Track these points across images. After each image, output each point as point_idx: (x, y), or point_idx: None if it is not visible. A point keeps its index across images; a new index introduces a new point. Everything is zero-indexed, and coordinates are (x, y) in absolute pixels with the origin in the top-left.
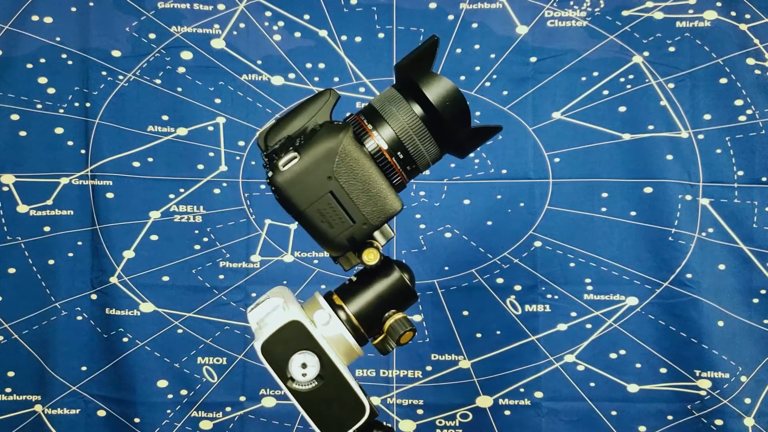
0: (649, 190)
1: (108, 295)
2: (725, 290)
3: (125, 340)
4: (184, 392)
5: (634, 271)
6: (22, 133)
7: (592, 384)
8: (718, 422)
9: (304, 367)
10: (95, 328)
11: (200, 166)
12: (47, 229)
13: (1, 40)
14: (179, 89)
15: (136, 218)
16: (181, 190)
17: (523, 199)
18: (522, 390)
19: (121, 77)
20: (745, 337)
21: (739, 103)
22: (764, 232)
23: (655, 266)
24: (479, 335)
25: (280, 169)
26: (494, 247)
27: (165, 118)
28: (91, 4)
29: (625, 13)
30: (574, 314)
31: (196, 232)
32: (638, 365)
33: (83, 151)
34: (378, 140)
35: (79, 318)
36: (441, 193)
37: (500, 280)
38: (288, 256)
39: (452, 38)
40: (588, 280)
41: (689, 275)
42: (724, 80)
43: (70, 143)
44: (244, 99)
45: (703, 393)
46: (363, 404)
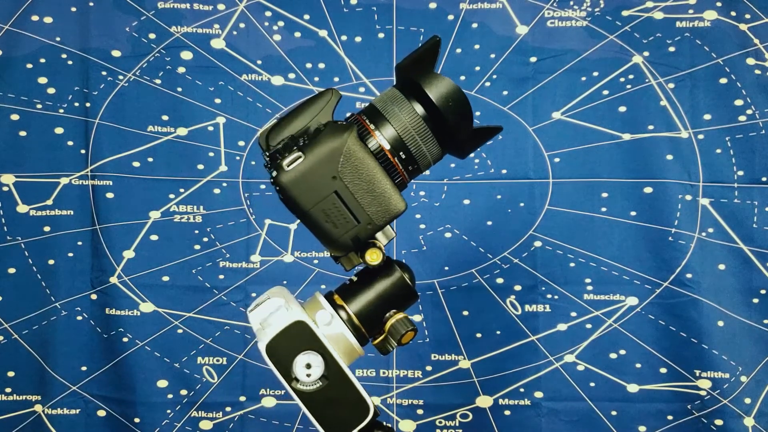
0: (649, 190)
1: (108, 295)
2: (725, 290)
3: (125, 340)
4: (184, 392)
5: (634, 271)
6: (22, 133)
7: (592, 384)
8: (718, 422)
9: (308, 367)
10: (95, 328)
11: (200, 166)
12: (47, 229)
13: (1, 40)
14: (179, 89)
15: (136, 218)
16: (181, 190)
17: (523, 199)
18: (522, 390)
19: (121, 77)
20: (745, 337)
21: (739, 103)
22: (764, 232)
23: (655, 266)
24: (479, 335)
25: (285, 169)
26: (494, 247)
27: (165, 118)
28: (91, 4)
29: (625, 13)
30: (574, 314)
31: (196, 232)
32: (638, 365)
33: (83, 151)
34: (380, 140)
35: (79, 318)
36: (441, 193)
37: (500, 280)
38: (288, 256)
39: (452, 38)
40: (588, 280)
41: (689, 275)
42: (724, 80)
43: (70, 143)
44: (244, 99)
45: (703, 393)
46: (367, 404)
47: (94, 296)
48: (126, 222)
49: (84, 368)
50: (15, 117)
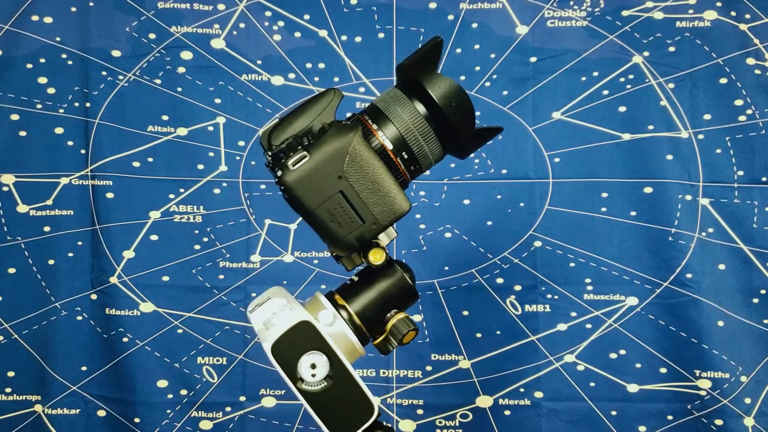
0: (649, 190)
1: (108, 295)
2: (725, 290)
3: (125, 340)
4: (184, 392)
5: (634, 271)
6: (22, 133)
7: (592, 384)
8: (718, 422)
9: (313, 367)
10: (95, 328)
11: (200, 166)
12: (47, 229)
13: (1, 40)
14: (179, 89)
15: (136, 218)
16: (181, 190)
17: (523, 199)
18: (522, 390)
19: (121, 77)
20: (745, 337)
21: (739, 103)
22: (764, 232)
23: (655, 266)
24: (479, 335)
25: (290, 168)
26: (494, 247)
27: (165, 118)
28: (91, 4)
29: (625, 13)
30: (574, 314)
31: (196, 232)
32: (638, 365)
33: (83, 151)
34: (383, 140)
35: (79, 318)
36: (441, 193)
37: (500, 280)
38: (288, 256)
39: (452, 38)
40: (588, 280)
41: (689, 275)
42: (724, 80)
43: (70, 143)
44: (244, 99)
45: (703, 393)
46: (371, 404)
47: (94, 296)
48: (126, 222)
49: (84, 368)
50: (15, 117)
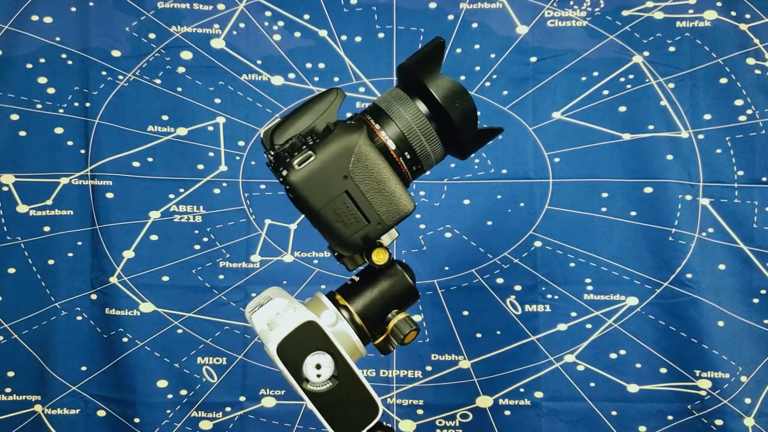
0: (649, 190)
1: (108, 295)
2: (725, 290)
3: (125, 340)
4: (184, 392)
5: (634, 271)
6: (22, 133)
7: (592, 384)
8: (718, 422)
9: (318, 368)
10: (95, 328)
11: (200, 166)
12: (47, 229)
13: (1, 40)
14: (179, 89)
15: (136, 218)
16: (181, 190)
17: (523, 199)
18: (522, 390)
19: (121, 77)
20: (745, 337)
21: (739, 103)
22: (764, 232)
23: (655, 266)
24: (479, 335)
25: (296, 168)
26: (494, 247)
27: (165, 118)
28: (91, 4)
29: (625, 13)
30: (574, 314)
31: (196, 232)
32: (638, 365)
33: (83, 151)
34: (386, 140)
35: (79, 318)
36: (441, 193)
37: (500, 280)
38: (288, 256)
39: (452, 38)
40: (588, 280)
41: (689, 275)
42: (724, 80)
43: (70, 143)
44: (244, 99)
45: (703, 393)
46: (376, 404)
47: (94, 296)
48: (126, 222)
49: (84, 368)
50: (15, 117)
